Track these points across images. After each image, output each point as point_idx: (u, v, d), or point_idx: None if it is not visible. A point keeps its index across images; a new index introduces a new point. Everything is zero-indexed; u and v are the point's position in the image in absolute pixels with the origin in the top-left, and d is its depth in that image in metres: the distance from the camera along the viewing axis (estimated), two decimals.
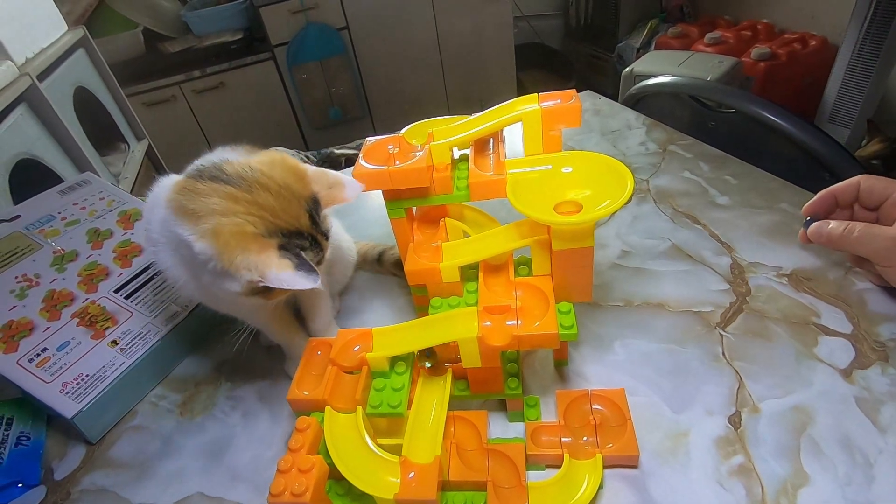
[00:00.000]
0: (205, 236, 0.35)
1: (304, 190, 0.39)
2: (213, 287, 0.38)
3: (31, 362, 0.47)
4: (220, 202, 0.35)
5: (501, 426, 0.43)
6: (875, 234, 0.40)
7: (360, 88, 2.22)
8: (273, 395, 0.49)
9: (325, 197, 0.40)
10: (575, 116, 0.38)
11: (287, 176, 0.38)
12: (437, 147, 0.40)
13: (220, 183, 0.36)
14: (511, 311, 0.38)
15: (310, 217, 0.39)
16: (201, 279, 0.38)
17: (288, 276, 0.34)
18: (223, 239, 0.34)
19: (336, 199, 0.40)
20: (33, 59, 1.12)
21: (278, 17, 1.97)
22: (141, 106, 1.90)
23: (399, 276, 0.58)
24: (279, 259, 0.35)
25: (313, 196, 0.39)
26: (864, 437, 0.38)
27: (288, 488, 0.32)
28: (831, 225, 0.42)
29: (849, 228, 0.41)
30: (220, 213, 0.35)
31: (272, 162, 0.39)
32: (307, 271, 0.35)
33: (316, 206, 0.39)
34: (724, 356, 0.45)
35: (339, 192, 0.40)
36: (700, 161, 0.69)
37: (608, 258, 0.57)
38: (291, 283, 0.35)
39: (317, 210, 0.39)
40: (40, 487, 0.45)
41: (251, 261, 0.34)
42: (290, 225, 0.37)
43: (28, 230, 0.56)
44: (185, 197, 0.36)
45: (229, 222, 0.35)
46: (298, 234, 0.38)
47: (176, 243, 0.38)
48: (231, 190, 0.36)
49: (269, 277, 0.34)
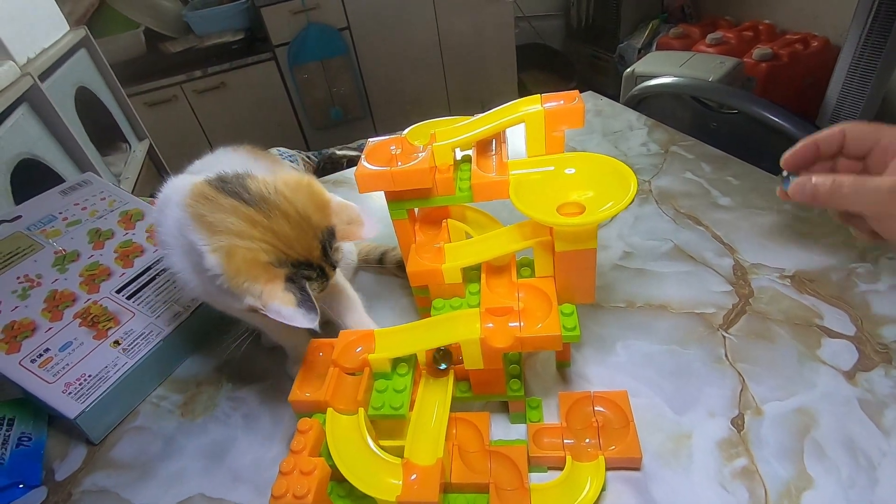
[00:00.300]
0: (217, 252, 0.35)
1: (323, 221, 0.39)
2: (218, 297, 0.38)
3: (33, 363, 0.47)
4: (238, 223, 0.35)
5: (503, 428, 0.43)
6: (868, 186, 0.35)
7: (362, 89, 2.22)
8: (274, 396, 0.49)
9: (341, 231, 0.40)
10: (578, 117, 0.38)
11: (308, 205, 0.38)
12: (439, 148, 0.40)
13: (241, 202, 0.36)
14: (514, 313, 0.38)
15: (322, 249, 0.38)
16: (207, 287, 0.39)
17: (289, 312, 0.35)
18: (234, 263, 0.35)
19: (352, 235, 0.40)
20: (35, 59, 1.12)
21: (279, 17, 1.97)
22: (142, 106, 1.90)
23: (401, 276, 0.58)
24: (283, 293, 0.35)
25: (330, 228, 0.39)
26: (868, 439, 0.38)
27: (290, 490, 0.32)
28: (815, 180, 0.37)
29: (836, 183, 0.36)
30: (236, 234, 0.35)
31: (297, 187, 0.38)
32: (307, 310, 0.35)
33: (331, 239, 0.39)
34: (726, 358, 0.45)
35: (357, 230, 0.40)
36: (702, 162, 0.69)
37: (610, 259, 0.57)
38: (291, 319, 0.35)
39: (330, 242, 0.39)
40: (41, 488, 0.45)
41: (257, 289, 0.35)
42: (301, 256, 0.37)
43: (29, 230, 0.56)
44: (205, 207, 0.36)
45: (243, 246, 0.35)
46: (308, 265, 0.38)
47: (188, 248, 0.38)
48: (251, 212, 0.36)
49: (271, 309, 0.35)
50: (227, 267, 0.35)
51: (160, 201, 0.42)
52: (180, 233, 0.38)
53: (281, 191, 0.37)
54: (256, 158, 0.48)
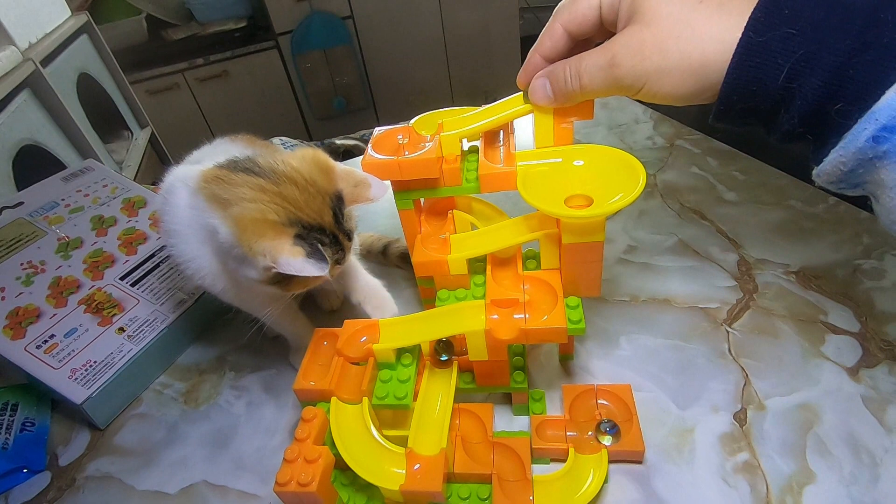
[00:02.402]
0: (228, 219, 0.36)
1: (330, 186, 0.39)
2: (236, 274, 0.39)
3: (38, 349, 0.48)
4: (249, 192, 0.36)
5: (506, 419, 0.43)
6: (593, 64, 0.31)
7: (365, 78, 2.21)
8: (278, 384, 0.50)
9: (349, 195, 0.40)
10: (587, 109, 0.38)
11: (314, 172, 0.39)
12: (446, 138, 0.40)
13: (251, 175, 0.37)
14: (519, 305, 0.38)
15: (333, 215, 0.39)
16: (227, 265, 0.40)
17: (298, 262, 0.35)
18: (243, 224, 0.35)
19: (360, 197, 0.40)
20: (37, 45, 1.11)
21: (282, 5, 1.96)
22: (144, 93, 1.89)
23: (404, 268, 0.58)
24: (292, 246, 0.35)
25: (338, 193, 0.39)
26: (871, 436, 0.38)
27: (294, 478, 0.32)
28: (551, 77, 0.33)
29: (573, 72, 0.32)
30: (248, 201, 0.36)
31: (303, 157, 0.39)
32: (318, 259, 0.36)
33: (340, 204, 0.39)
34: (730, 353, 0.45)
35: (364, 192, 0.40)
36: (708, 156, 0.69)
37: (614, 253, 0.56)
38: (301, 269, 0.35)
39: (341, 208, 0.39)
40: (45, 473, 0.45)
41: (265, 245, 0.35)
42: (312, 219, 0.37)
43: (32, 217, 0.56)
44: (219, 186, 0.37)
45: (252, 208, 0.36)
46: (320, 230, 0.38)
47: (205, 232, 0.39)
48: (261, 182, 0.37)
49: (281, 262, 0.35)
50: (237, 230, 0.36)
51: (164, 190, 0.43)
52: (193, 219, 0.39)
53: (288, 161, 0.38)
54: (254, 148, 0.48)
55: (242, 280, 0.39)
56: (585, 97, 0.34)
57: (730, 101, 0.29)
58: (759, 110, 0.29)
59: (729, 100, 0.29)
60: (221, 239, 0.37)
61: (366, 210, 0.69)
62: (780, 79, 0.26)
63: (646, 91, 0.31)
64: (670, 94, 0.30)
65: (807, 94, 0.26)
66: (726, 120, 0.31)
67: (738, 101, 0.29)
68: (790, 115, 0.27)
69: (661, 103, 0.32)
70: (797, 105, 0.27)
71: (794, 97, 0.27)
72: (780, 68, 0.26)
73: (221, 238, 0.37)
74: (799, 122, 0.27)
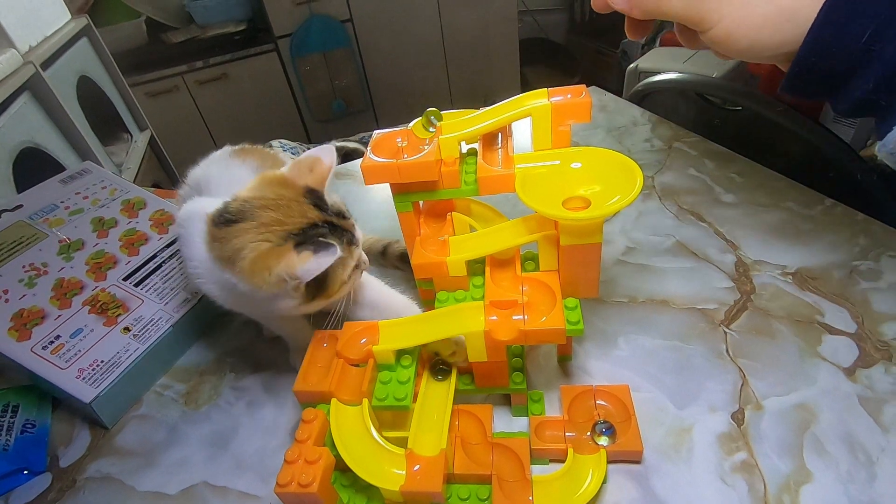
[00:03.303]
0: (241, 274, 0.38)
1: (295, 187, 0.40)
2: (278, 311, 0.40)
3: (44, 349, 0.48)
4: (239, 241, 0.38)
5: (505, 420, 0.43)
6: None
7: (364, 81, 2.21)
8: (278, 385, 0.50)
9: (313, 180, 0.41)
10: (585, 112, 0.38)
11: (275, 188, 0.40)
12: (445, 141, 0.40)
13: (233, 224, 0.38)
14: (518, 306, 0.38)
15: (315, 207, 0.40)
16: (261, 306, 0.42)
17: (312, 263, 0.36)
18: (251, 271, 0.37)
19: (321, 174, 0.41)
20: (37, 48, 1.11)
21: (282, 8, 1.96)
22: (143, 96, 1.89)
23: (403, 269, 0.58)
24: (298, 255, 0.36)
25: (306, 188, 0.40)
26: (867, 435, 0.38)
27: (295, 479, 0.32)
28: None
29: None
30: (242, 249, 0.38)
31: (260, 183, 0.41)
32: (326, 249, 0.37)
33: (314, 195, 0.40)
34: (727, 353, 0.45)
35: (320, 167, 0.42)
36: (705, 158, 0.69)
37: (613, 254, 0.57)
38: (319, 265, 0.36)
39: (318, 196, 0.40)
40: (46, 474, 0.46)
41: (279, 271, 0.36)
42: (299, 224, 0.38)
43: (32, 219, 0.56)
44: (219, 246, 0.39)
45: (249, 251, 0.37)
46: (313, 227, 0.39)
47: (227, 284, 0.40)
48: (242, 226, 0.38)
49: (300, 273, 0.36)
50: (250, 278, 0.37)
51: (182, 219, 0.43)
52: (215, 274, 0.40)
53: (250, 197, 0.40)
54: (244, 160, 0.49)
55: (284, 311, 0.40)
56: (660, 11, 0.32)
57: (807, 61, 0.28)
58: (834, 74, 0.28)
59: (806, 60, 0.28)
60: (244, 290, 0.38)
61: (364, 211, 0.70)
62: (863, 39, 0.26)
63: (723, 28, 0.29)
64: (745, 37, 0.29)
65: (887, 58, 0.26)
66: (798, 85, 0.30)
67: (815, 63, 0.28)
68: (865, 79, 0.27)
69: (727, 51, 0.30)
70: (875, 69, 0.26)
71: (872, 60, 0.26)
72: (865, 28, 0.26)
73: (244, 290, 0.38)
74: (874, 88, 0.27)
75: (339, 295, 0.41)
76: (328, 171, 0.42)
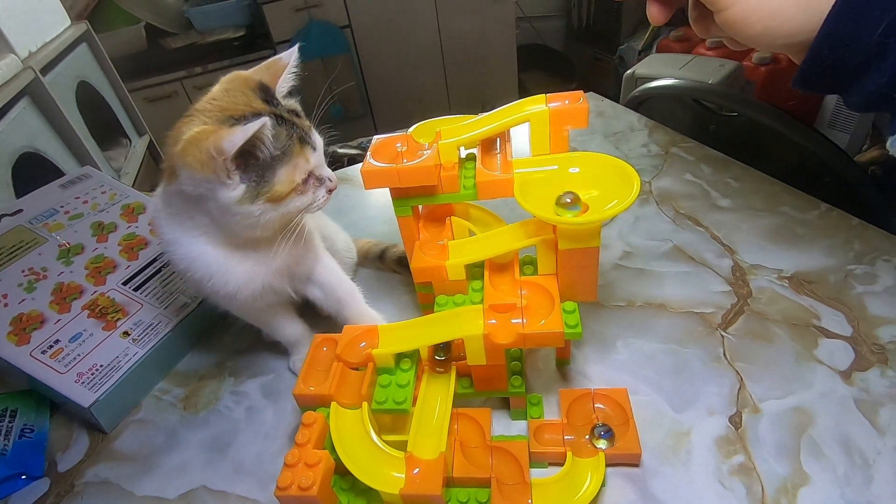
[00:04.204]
0: (177, 158, 0.36)
1: (249, 84, 0.40)
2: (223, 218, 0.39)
3: (44, 354, 0.48)
4: (179, 130, 0.37)
5: (504, 424, 0.43)
6: None
7: (362, 87, 2.22)
8: (276, 390, 0.50)
9: (268, 77, 0.41)
10: (582, 117, 0.39)
11: (231, 83, 0.40)
12: (444, 146, 0.40)
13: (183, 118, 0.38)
14: (516, 310, 0.38)
15: (264, 101, 0.39)
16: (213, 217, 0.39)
17: (238, 132, 0.34)
18: (183, 148, 0.36)
19: (277, 71, 0.41)
20: (37, 53, 1.11)
21: (281, 14, 1.97)
22: (142, 101, 1.90)
23: (401, 273, 0.59)
24: (229, 129, 0.35)
25: (259, 84, 0.40)
26: (863, 438, 0.38)
27: (295, 482, 0.32)
28: None
29: None
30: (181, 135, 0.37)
31: (218, 84, 0.41)
32: (252, 120, 0.35)
33: (266, 90, 0.40)
34: (725, 357, 0.45)
35: (277, 64, 0.42)
36: (702, 164, 0.70)
37: (610, 259, 0.57)
38: (245, 132, 0.34)
39: (269, 93, 0.40)
40: (44, 479, 0.45)
41: (208, 145, 0.34)
42: (241, 111, 0.38)
43: (32, 224, 0.57)
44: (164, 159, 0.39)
45: (186, 136, 0.36)
46: (256, 115, 0.37)
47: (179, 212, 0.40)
48: (185, 119, 0.38)
49: (225, 144, 0.34)
50: (183, 158, 0.36)
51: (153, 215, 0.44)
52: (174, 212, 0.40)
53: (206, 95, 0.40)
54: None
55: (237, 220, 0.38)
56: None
57: (820, 53, 0.28)
58: (848, 67, 0.28)
59: (820, 52, 0.28)
60: (185, 187, 0.37)
61: (362, 216, 0.70)
62: (878, 32, 0.26)
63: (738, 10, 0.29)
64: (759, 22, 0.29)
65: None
66: (811, 78, 0.30)
67: (828, 55, 0.28)
68: (880, 73, 0.27)
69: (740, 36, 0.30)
70: (889, 62, 0.26)
71: (887, 53, 0.26)
72: (880, 20, 0.26)
73: (185, 186, 0.37)
74: (888, 82, 0.27)
75: (289, 202, 0.39)
76: (283, 68, 0.41)
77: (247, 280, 0.43)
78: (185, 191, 0.38)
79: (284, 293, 0.46)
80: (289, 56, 0.42)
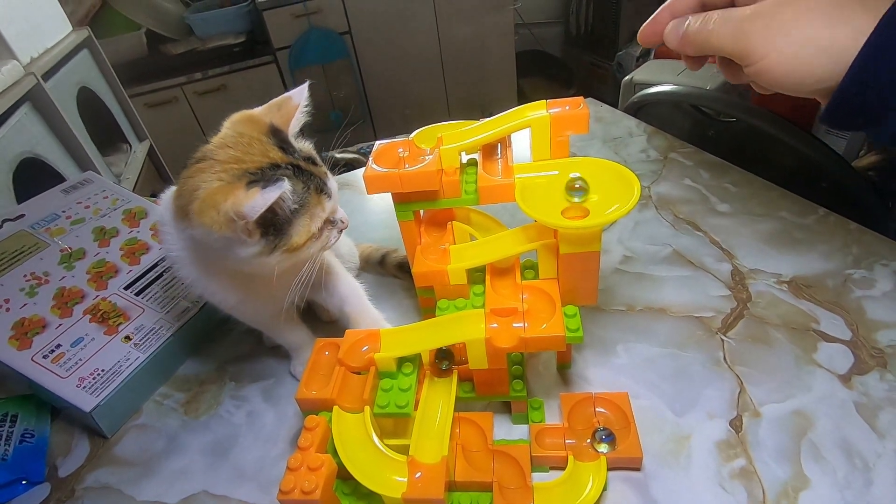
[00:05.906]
0: (194, 216, 0.36)
1: (261, 128, 0.39)
2: (240, 265, 0.38)
3: (45, 358, 0.48)
4: (195, 180, 0.36)
5: (506, 428, 0.43)
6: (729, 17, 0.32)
7: (362, 93, 2.23)
8: (278, 394, 0.50)
9: (279, 120, 0.40)
10: (583, 123, 0.39)
11: (240, 126, 0.39)
12: (446, 151, 0.41)
13: (192, 166, 0.37)
14: (518, 314, 0.38)
15: (280, 149, 0.39)
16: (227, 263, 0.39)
17: (259, 198, 0.34)
18: (200, 207, 0.35)
19: (288, 112, 0.41)
20: (38, 59, 1.12)
21: (281, 20, 1.98)
22: (143, 107, 1.90)
23: (401, 277, 0.59)
24: (247, 192, 0.34)
25: (270, 127, 0.39)
26: (863, 441, 0.38)
27: (298, 486, 0.32)
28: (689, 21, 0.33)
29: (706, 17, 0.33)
30: (196, 190, 0.36)
31: (228, 123, 0.40)
32: (273, 184, 0.34)
33: (278, 135, 0.39)
34: (725, 361, 0.45)
35: (288, 105, 0.41)
36: (700, 169, 0.70)
37: (610, 263, 0.57)
38: (265, 200, 0.34)
39: (282, 138, 0.39)
40: (45, 484, 0.45)
41: (226, 208, 0.34)
42: (258, 163, 0.37)
43: (33, 229, 0.57)
44: (176, 197, 0.38)
45: (202, 191, 0.36)
46: (274, 168, 0.37)
47: (192, 247, 0.39)
48: (200, 166, 0.37)
49: (246, 210, 0.34)
50: (200, 217, 0.35)
51: (164, 201, 0.43)
52: (181, 239, 0.40)
53: (215, 138, 0.39)
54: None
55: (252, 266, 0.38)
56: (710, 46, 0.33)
57: (847, 96, 0.29)
58: (873, 109, 0.29)
59: (846, 95, 0.29)
60: (200, 238, 0.37)
61: (363, 221, 0.70)
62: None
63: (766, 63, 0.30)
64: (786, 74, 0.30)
65: None
66: (837, 116, 0.30)
67: (854, 98, 0.29)
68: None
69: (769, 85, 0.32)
70: None
71: None
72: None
73: (199, 237, 0.37)
74: None
75: (305, 250, 0.39)
76: (295, 109, 0.41)
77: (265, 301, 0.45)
78: (200, 240, 0.38)
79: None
80: (299, 95, 0.41)
